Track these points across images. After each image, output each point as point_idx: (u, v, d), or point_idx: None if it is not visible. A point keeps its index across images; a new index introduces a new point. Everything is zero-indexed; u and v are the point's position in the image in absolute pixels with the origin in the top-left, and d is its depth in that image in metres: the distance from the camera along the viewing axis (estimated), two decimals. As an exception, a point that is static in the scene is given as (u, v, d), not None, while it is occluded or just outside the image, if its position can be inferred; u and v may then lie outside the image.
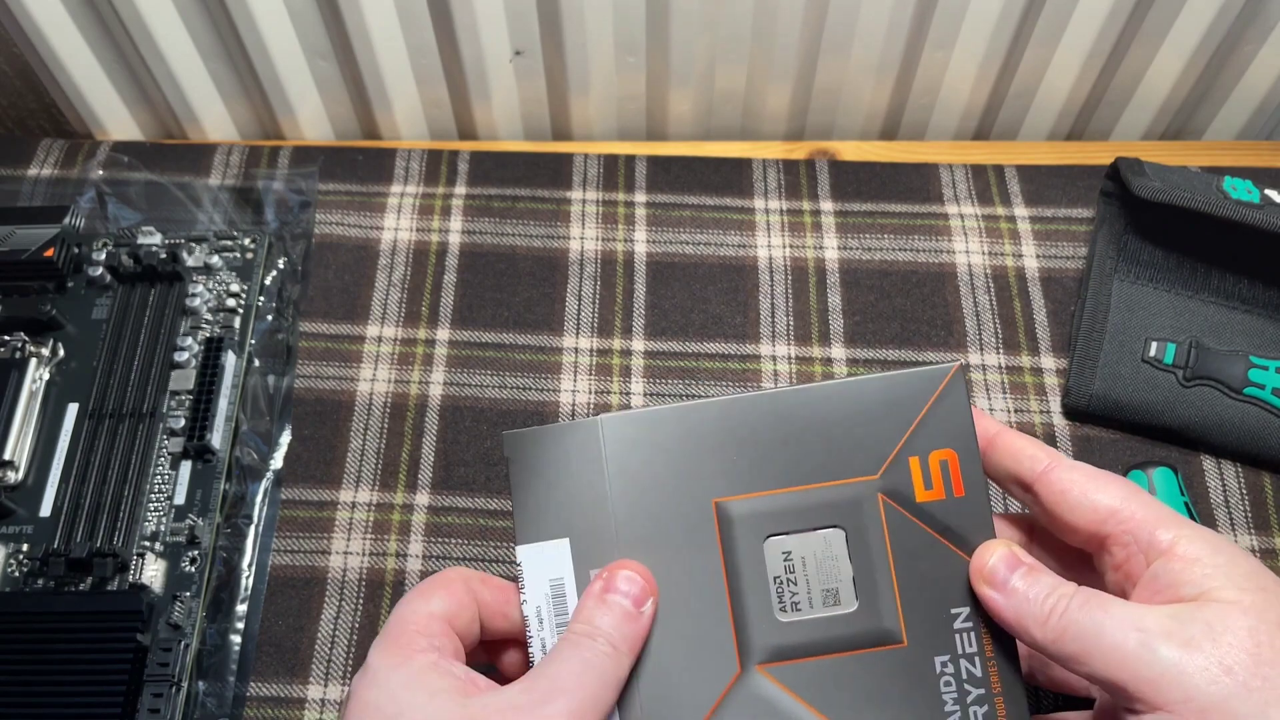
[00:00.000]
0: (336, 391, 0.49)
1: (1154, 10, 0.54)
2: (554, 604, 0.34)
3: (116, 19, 0.53)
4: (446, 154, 0.56)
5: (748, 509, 0.35)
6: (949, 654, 0.33)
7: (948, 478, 0.35)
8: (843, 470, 0.35)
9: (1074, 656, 0.30)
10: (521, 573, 0.34)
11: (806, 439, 0.35)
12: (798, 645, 0.34)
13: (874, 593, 0.34)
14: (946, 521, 0.34)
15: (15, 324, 0.48)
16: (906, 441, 0.35)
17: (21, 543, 0.43)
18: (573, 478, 0.35)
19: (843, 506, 0.34)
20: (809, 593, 0.34)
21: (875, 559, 0.34)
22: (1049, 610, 0.31)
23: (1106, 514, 0.32)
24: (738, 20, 0.54)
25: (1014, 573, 0.32)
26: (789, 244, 0.53)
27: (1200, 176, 0.49)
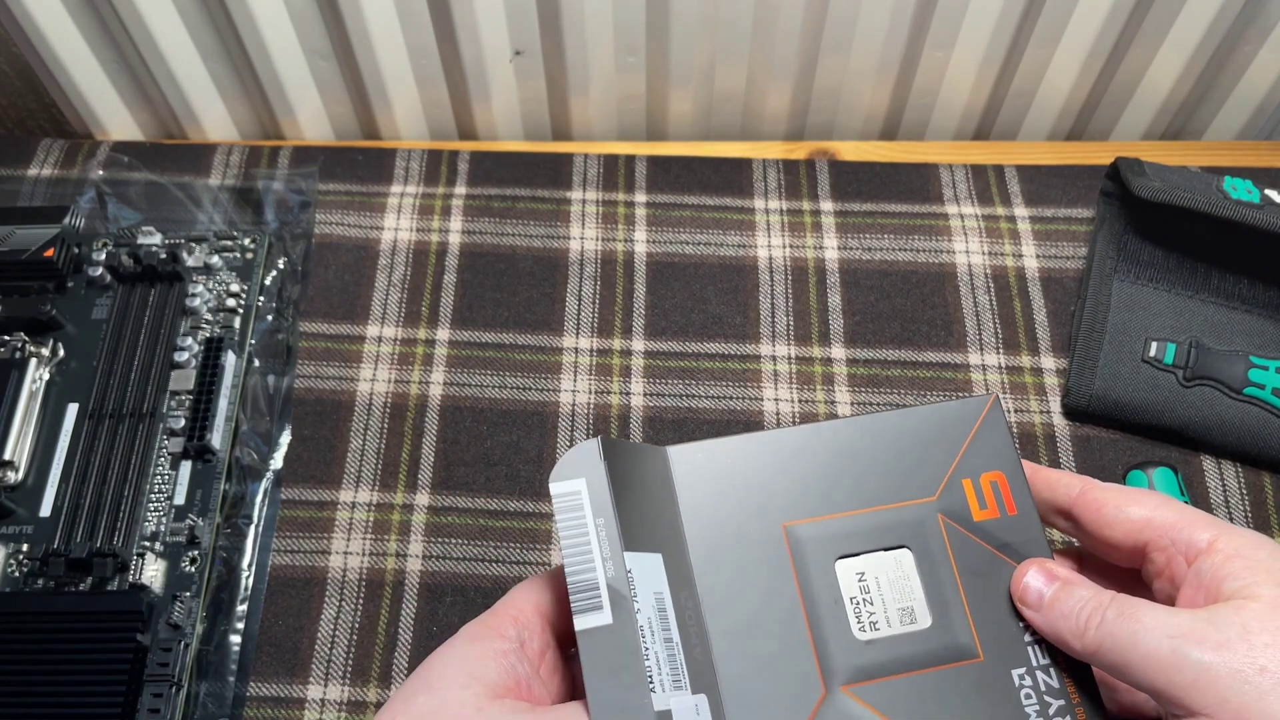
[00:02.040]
0: (336, 391, 0.49)
1: (1154, 10, 0.54)
2: (659, 618, 0.33)
3: (116, 19, 0.53)
4: (446, 154, 0.56)
5: (817, 531, 0.35)
6: (1024, 667, 0.34)
7: (1000, 497, 0.36)
8: (903, 493, 0.36)
9: (1114, 666, 0.30)
10: (632, 578, 0.32)
11: (865, 465, 0.36)
12: (878, 664, 0.34)
13: (945, 609, 0.34)
14: (1004, 538, 0.35)
15: (15, 324, 0.48)
16: (958, 465, 0.36)
17: (21, 543, 0.43)
18: (655, 498, 0.35)
19: (907, 527, 0.35)
20: (885, 611, 0.35)
21: (943, 576, 0.35)
22: (1085, 623, 0.31)
23: (1143, 523, 0.33)
24: (738, 20, 0.54)
25: (1049, 588, 0.33)
26: (789, 244, 0.53)
27: (1200, 176, 0.49)
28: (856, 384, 0.49)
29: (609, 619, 0.32)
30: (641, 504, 0.34)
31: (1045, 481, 0.36)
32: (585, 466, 0.33)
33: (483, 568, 0.45)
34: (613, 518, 0.33)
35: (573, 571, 0.32)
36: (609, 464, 0.33)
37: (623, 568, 0.32)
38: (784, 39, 0.55)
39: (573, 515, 0.33)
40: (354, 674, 0.43)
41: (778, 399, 0.49)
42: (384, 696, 0.42)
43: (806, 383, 0.49)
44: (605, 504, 0.33)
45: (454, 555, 0.45)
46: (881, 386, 0.49)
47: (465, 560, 0.45)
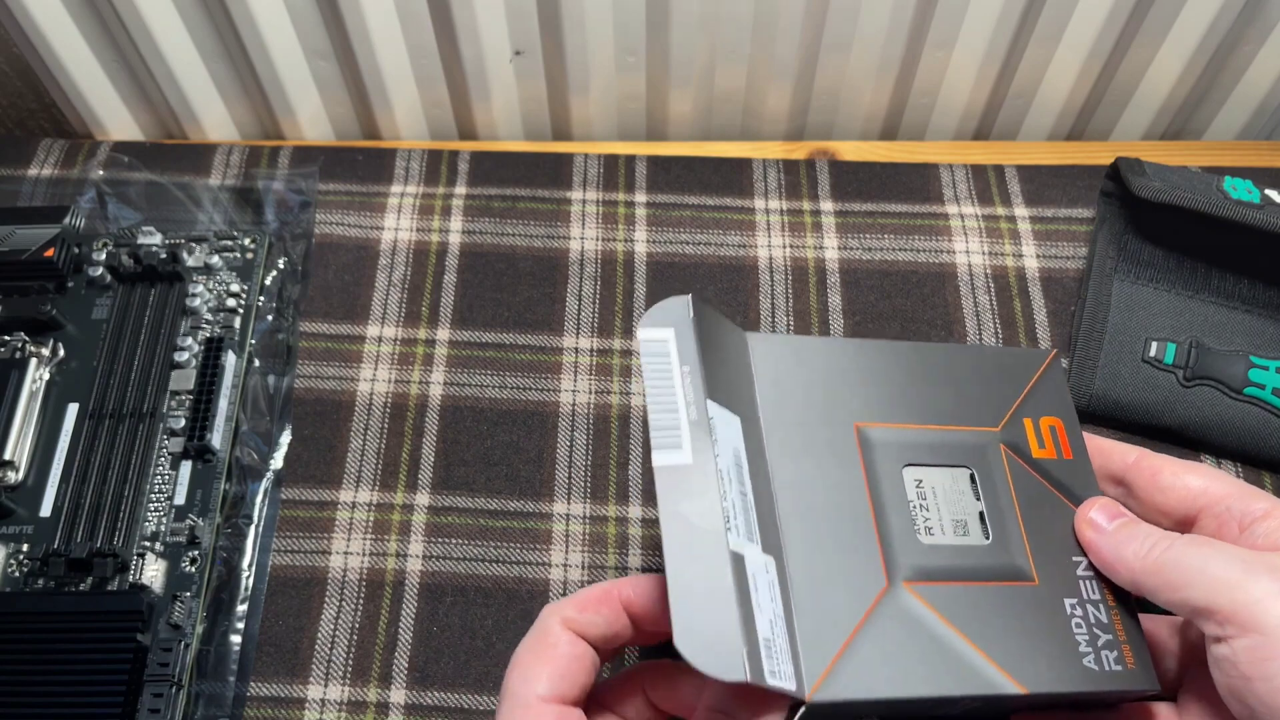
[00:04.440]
0: (336, 391, 0.49)
1: (1154, 10, 0.54)
2: (736, 471, 0.33)
3: (116, 19, 0.53)
4: (446, 154, 0.56)
5: (887, 437, 0.36)
6: (1076, 598, 0.35)
7: (1057, 441, 0.37)
8: (968, 418, 0.37)
9: (1171, 585, 0.32)
10: (714, 424, 0.32)
11: (936, 386, 0.38)
12: (940, 568, 0.35)
13: (1004, 531, 0.36)
14: (1060, 478, 0.37)
15: (15, 324, 0.48)
16: (1021, 404, 0.38)
17: (21, 543, 0.43)
18: (736, 368, 0.35)
19: (971, 449, 0.37)
20: (940, 520, 0.36)
21: (1002, 501, 0.36)
22: (1151, 545, 0.33)
23: (1199, 491, 0.35)
24: (738, 20, 0.54)
25: (1114, 521, 0.35)
26: (789, 244, 0.53)
27: (1200, 176, 0.49)
28: (856, 384, 0.49)
29: (689, 458, 0.31)
30: (725, 368, 0.35)
31: (1098, 449, 0.38)
32: (675, 317, 0.34)
33: (483, 568, 0.45)
34: (698, 368, 0.33)
35: (656, 411, 0.32)
36: (699, 321, 0.34)
37: (705, 414, 0.32)
38: (784, 39, 0.55)
39: (659, 361, 0.33)
40: (354, 674, 0.43)
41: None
42: (384, 697, 0.42)
43: (806, 383, 0.49)
44: (692, 355, 0.33)
45: (454, 555, 0.45)
46: (881, 386, 0.49)
47: (465, 560, 0.45)
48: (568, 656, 0.33)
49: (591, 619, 0.34)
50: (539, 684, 0.32)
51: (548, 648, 0.33)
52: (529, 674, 0.33)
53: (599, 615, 0.34)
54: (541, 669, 0.33)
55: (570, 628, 0.33)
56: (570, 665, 0.33)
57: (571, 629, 0.33)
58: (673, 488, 0.31)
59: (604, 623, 0.34)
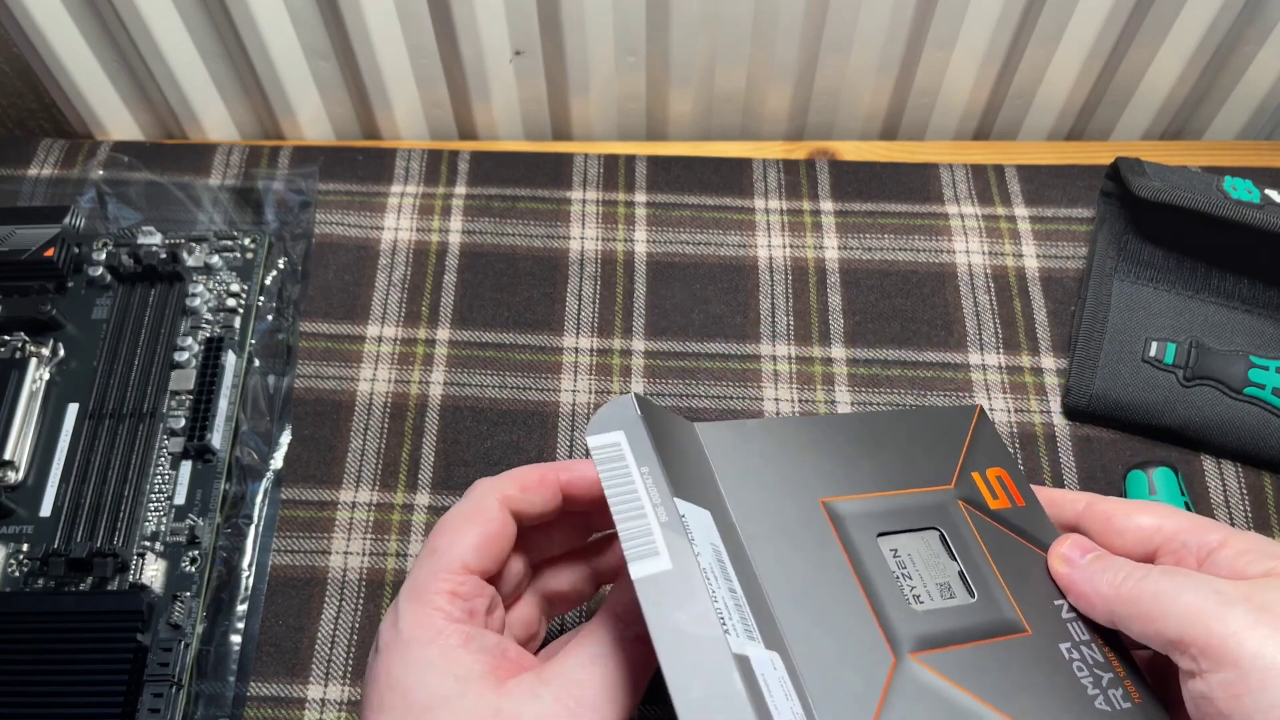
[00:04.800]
0: (336, 391, 0.49)
1: (1154, 10, 0.54)
2: (719, 568, 0.31)
3: (116, 19, 0.53)
4: (446, 154, 0.56)
5: (854, 508, 0.35)
6: (1069, 641, 0.34)
7: (1008, 491, 0.37)
8: (923, 479, 0.36)
9: (1145, 616, 0.31)
10: (687, 523, 0.30)
11: (885, 453, 0.37)
12: (939, 634, 0.33)
13: (986, 587, 0.35)
14: (1021, 526, 0.36)
15: (15, 324, 0.48)
16: (965, 459, 0.37)
17: (21, 543, 0.43)
18: (693, 461, 0.34)
19: (932, 510, 0.36)
20: (925, 586, 0.34)
21: (976, 557, 0.35)
22: (1124, 575, 0.32)
23: (1153, 529, 0.34)
24: (738, 20, 0.54)
25: (1086, 555, 0.34)
26: (789, 244, 0.53)
27: (1200, 176, 0.49)
28: (856, 384, 0.49)
29: (667, 564, 0.29)
30: (683, 463, 0.33)
31: (1049, 500, 0.38)
32: (623, 420, 0.32)
33: (483, 568, 0.45)
34: (658, 467, 0.31)
35: (623, 519, 0.30)
36: (647, 418, 0.32)
37: (675, 513, 0.30)
38: (784, 39, 0.55)
39: (615, 465, 0.31)
40: (354, 674, 0.43)
41: (778, 399, 0.49)
42: (384, 696, 0.42)
43: (806, 383, 0.49)
44: (649, 454, 0.31)
45: (454, 555, 0.45)
46: (881, 386, 0.49)
47: (465, 560, 0.45)
48: (498, 532, 0.33)
49: (530, 499, 0.33)
50: (467, 552, 0.32)
51: (482, 517, 0.33)
52: (458, 538, 0.32)
53: (537, 496, 0.34)
54: (471, 536, 0.32)
55: (507, 506, 0.33)
56: (498, 540, 0.33)
57: (509, 507, 0.33)
58: (658, 598, 0.29)
59: (540, 503, 0.34)
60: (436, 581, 0.32)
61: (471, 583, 0.32)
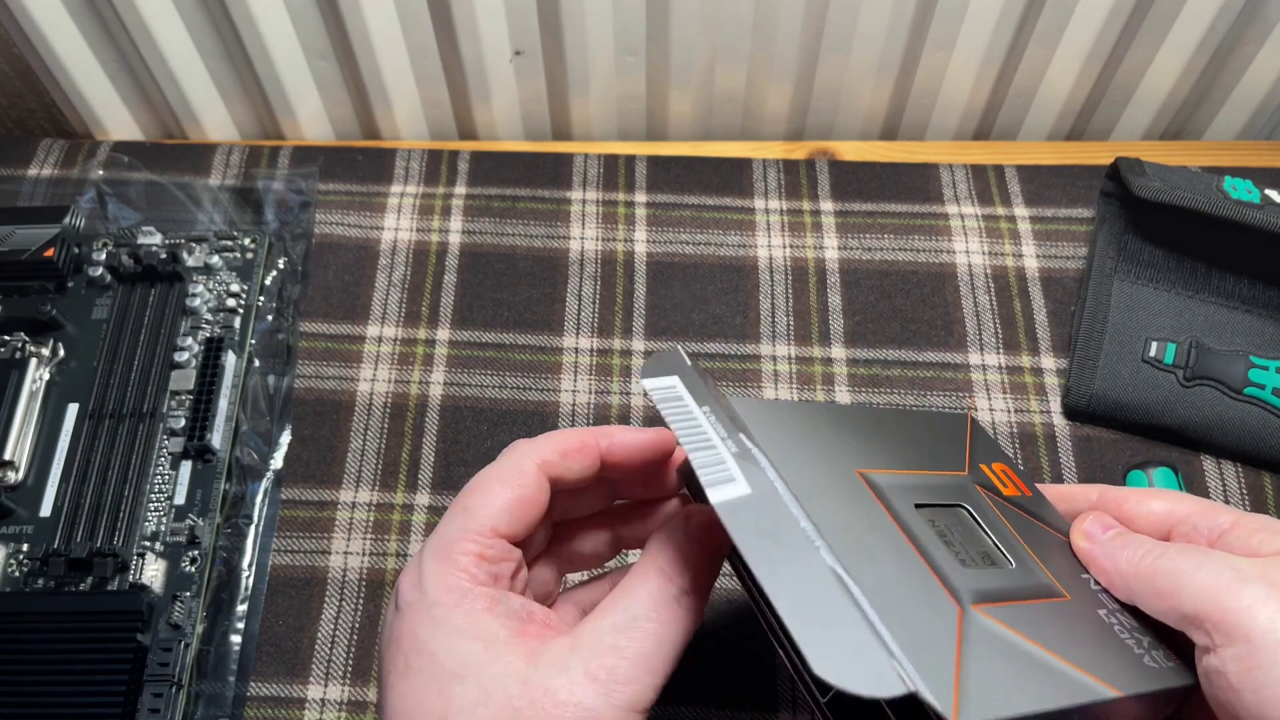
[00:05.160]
0: (336, 391, 0.49)
1: (1154, 10, 0.54)
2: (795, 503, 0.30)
3: (116, 19, 0.53)
4: (446, 154, 0.56)
5: (890, 481, 0.35)
6: (1105, 609, 0.34)
7: (1014, 482, 0.38)
8: (939, 465, 0.37)
9: (1162, 592, 0.31)
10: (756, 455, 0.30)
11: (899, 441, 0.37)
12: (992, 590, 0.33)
13: (1020, 557, 0.35)
14: (1036, 512, 0.37)
15: (15, 324, 0.48)
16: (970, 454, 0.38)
17: (21, 543, 0.43)
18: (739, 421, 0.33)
19: (956, 490, 0.37)
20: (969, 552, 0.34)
21: (1004, 532, 0.36)
22: (1144, 552, 0.33)
23: (1164, 514, 0.35)
24: (738, 20, 0.54)
25: (1108, 531, 0.35)
26: (789, 244, 0.53)
27: (1200, 176, 0.49)
28: (856, 384, 0.49)
29: (746, 488, 0.29)
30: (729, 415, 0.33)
31: (1060, 495, 0.38)
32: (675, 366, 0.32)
33: (483, 568, 0.45)
34: (717, 407, 0.31)
35: (694, 449, 0.30)
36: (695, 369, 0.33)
37: (745, 445, 0.30)
38: (784, 39, 0.55)
39: (676, 405, 0.31)
40: (354, 674, 0.43)
41: (778, 399, 0.49)
42: (384, 696, 0.42)
43: (806, 383, 0.49)
44: (706, 396, 0.31)
45: (454, 555, 0.45)
46: (881, 386, 0.49)
47: (465, 560, 0.45)
48: (532, 498, 0.32)
49: (569, 465, 0.33)
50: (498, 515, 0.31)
51: (517, 481, 0.32)
52: (489, 500, 0.31)
53: (576, 463, 0.33)
54: (503, 499, 0.31)
55: (545, 471, 0.32)
56: (531, 506, 0.32)
57: (546, 472, 0.32)
58: (743, 520, 0.29)
59: (579, 470, 0.33)
60: (464, 542, 0.31)
61: (499, 546, 0.31)
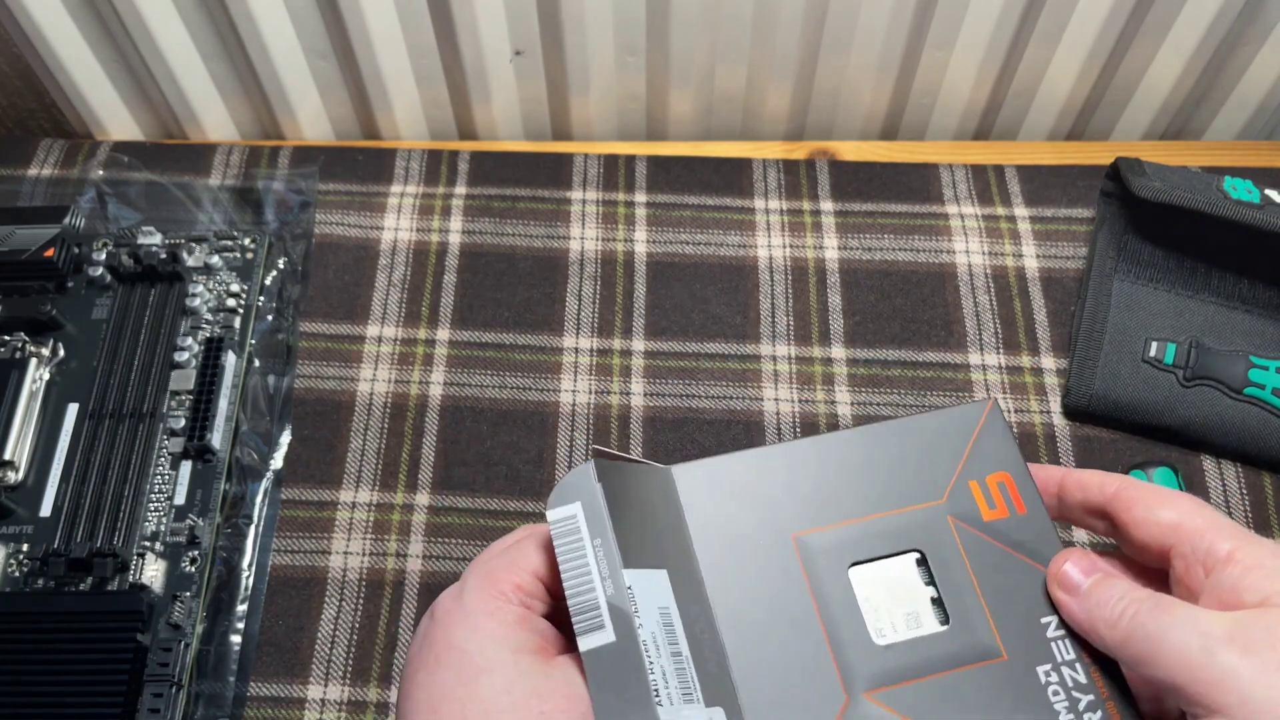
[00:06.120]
0: (336, 391, 0.49)
1: (1154, 10, 0.54)
2: (665, 632, 0.33)
3: (116, 19, 0.53)
4: (446, 154, 0.56)
5: (827, 540, 0.36)
6: (1050, 663, 0.33)
7: (1008, 497, 0.36)
8: (910, 498, 0.36)
9: (1139, 659, 0.30)
10: (633, 595, 0.33)
11: (871, 473, 0.37)
12: (900, 668, 0.34)
13: (964, 610, 0.35)
14: (1017, 537, 0.35)
15: (15, 324, 0.48)
16: (963, 468, 0.37)
17: (21, 543, 0.43)
18: (658, 516, 0.35)
19: (917, 531, 0.36)
20: (891, 618, 0.35)
21: (958, 578, 0.35)
22: (1119, 613, 0.31)
23: (1170, 527, 0.33)
24: (738, 20, 0.54)
25: (1089, 577, 0.33)
26: (789, 244, 0.53)
27: (1200, 176, 0.49)
28: (856, 384, 0.49)
29: (611, 637, 0.32)
30: (643, 522, 0.34)
31: (1077, 483, 0.36)
32: (581, 490, 0.34)
33: (483, 568, 0.45)
34: (610, 538, 0.33)
35: (573, 594, 0.32)
36: (605, 485, 0.33)
37: (623, 585, 0.32)
38: (784, 39, 0.55)
39: (570, 539, 0.33)
40: (354, 674, 0.43)
41: (778, 399, 0.49)
42: (384, 696, 0.42)
43: (806, 383, 0.49)
44: (602, 525, 0.33)
45: (454, 555, 0.45)
46: (881, 386, 0.49)
47: (465, 560, 0.45)
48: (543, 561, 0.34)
49: None
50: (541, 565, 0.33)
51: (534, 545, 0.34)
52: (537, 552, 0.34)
53: None
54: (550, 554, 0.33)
55: None
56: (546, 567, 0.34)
57: None
58: (600, 670, 0.31)
59: None
60: (507, 572, 0.33)
61: (538, 587, 0.33)
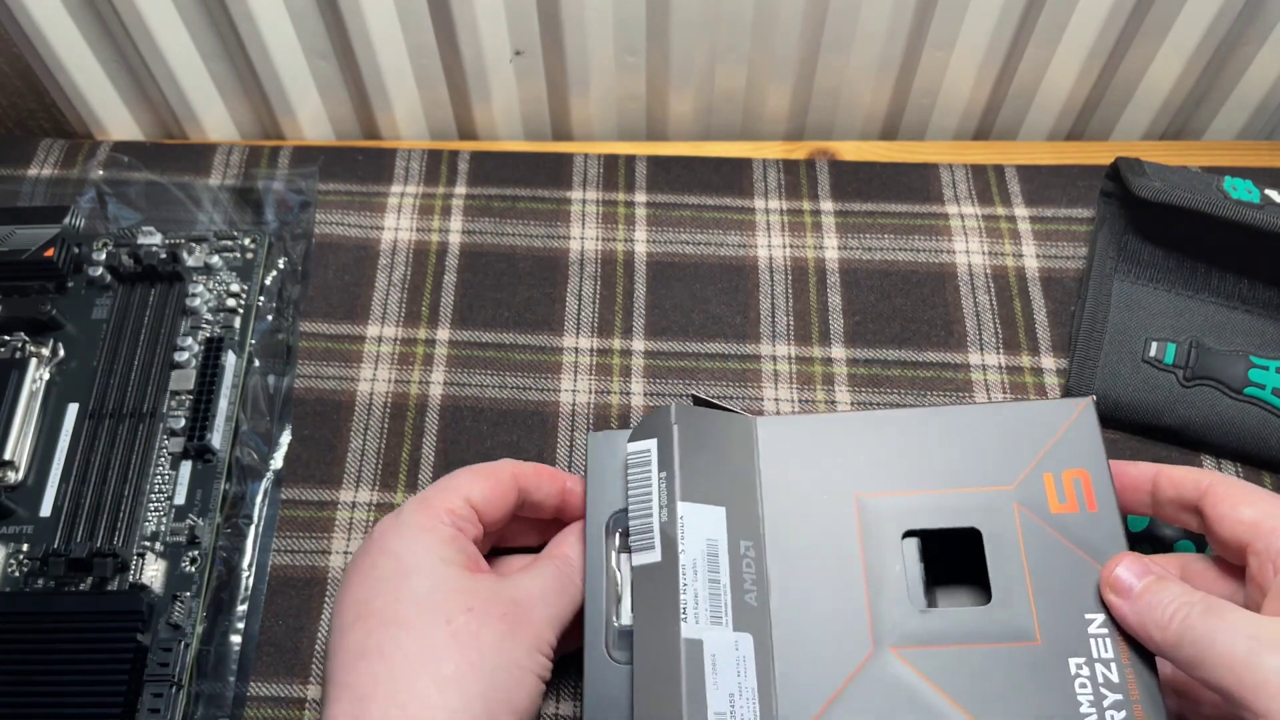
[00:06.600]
0: (336, 391, 0.49)
1: (1154, 10, 0.54)
2: (708, 561, 0.36)
3: (116, 19, 0.53)
4: (446, 154, 0.56)
5: (889, 505, 0.38)
6: (1084, 656, 0.34)
7: (1081, 494, 0.37)
8: (980, 479, 0.38)
9: (1190, 661, 0.31)
10: (683, 524, 0.36)
11: (946, 451, 0.38)
12: (930, 633, 0.35)
13: (1007, 591, 0.36)
14: (1080, 533, 0.36)
15: (15, 324, 0.48)
16: (1041, 459, 0.38)
17: (21, 543, 0.43)
18: (731, 459, 0.38)
19: (980, 510, 0.37)
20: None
21: (1009, 560, 0.36)
22: (1170, 615, 0.32)
23: (1249, 524, 0.33)
24: (738, 20, 0.54)
25: (1141, 580, 0.33)
26: (789, 244, 0.53)
27: (1200, 176, 0.49)
28: (856, 384, 0.49)
29: (657, 558, 0.36)
30: (713, 463, 0.38)
31: (1170, 479, 0.36)
32: (658, 428, 0.38)
33: (483, 568, 0.45)
34: (675, 473, 0.36)
35: (633, 517, 0.37)
36: (681, 426, 0.37)
37: (676, 515, 0.36)
38: (784, 39, 0.55)
39: (641, 470, 0.37)
40: (354, 674, 0.43)
41: (778, 399, 0.49)
42: (384, 696, 0.42)
43: (806, 383, 0.49)
44: (670, 461, 0.37)
45: (454, 555, 0.45)
46: (881, 386, 0.49)
47: (465, 560, 0.45)
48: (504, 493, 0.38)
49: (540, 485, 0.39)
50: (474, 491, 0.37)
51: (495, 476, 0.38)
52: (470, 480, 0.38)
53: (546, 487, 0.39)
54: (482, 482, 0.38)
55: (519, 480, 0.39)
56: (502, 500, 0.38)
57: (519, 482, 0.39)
58: (643, 585, 0.36)
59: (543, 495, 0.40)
60: (443, 499, 0.37)
61: (470, 513, 0.37)
